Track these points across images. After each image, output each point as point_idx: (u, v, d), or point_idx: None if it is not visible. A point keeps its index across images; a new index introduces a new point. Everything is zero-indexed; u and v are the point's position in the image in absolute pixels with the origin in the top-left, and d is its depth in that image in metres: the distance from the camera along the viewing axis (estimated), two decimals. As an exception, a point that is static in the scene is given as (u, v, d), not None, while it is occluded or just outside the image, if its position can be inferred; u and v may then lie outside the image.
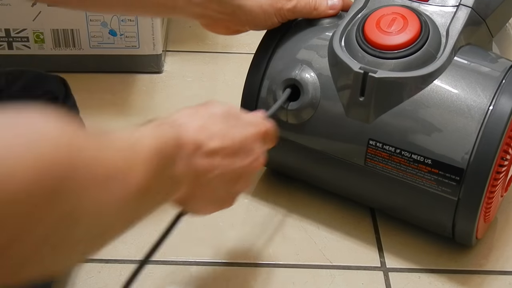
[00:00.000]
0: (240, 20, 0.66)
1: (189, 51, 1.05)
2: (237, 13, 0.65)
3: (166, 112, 0.88)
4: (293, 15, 0.68)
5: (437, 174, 0.60)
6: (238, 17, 0.65)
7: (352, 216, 0.72)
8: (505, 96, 0.59)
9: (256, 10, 0.65)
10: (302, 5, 0.67)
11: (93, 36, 0.94)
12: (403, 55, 0.61)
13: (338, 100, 0.63)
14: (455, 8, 0.63)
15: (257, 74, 0.68)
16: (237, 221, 0.71)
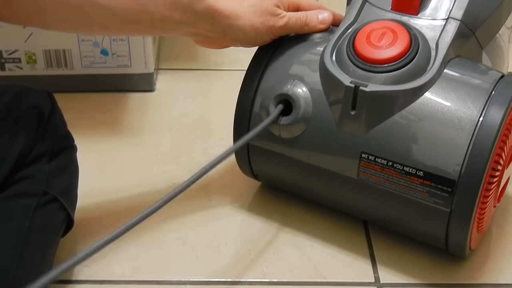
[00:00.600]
0: (232, 38, 0.67)
1: (181, 68, 1.06)
2: (228, 32, 0.66)
3: (158, 130, 0.90)
4: (285, 32, 0.69)
5: (429, 186, 0.60)
6: (230, 35, 0.66)
7: (345, 230, 0.72)
8: (495, 107, 0.59)
9: (247, 29, 0.66)
10: (294, 21, 0.68)
11: (85, 56, 0.94)
12: (394, 69, 0.61)
13: (330, 114, 0.64)
14: (444, 22, 0.64)
15: (249, 90, 0.68)
16: (231, 239, 0.71)
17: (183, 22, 0.63)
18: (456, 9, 0.64)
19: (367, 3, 0.68)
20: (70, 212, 0.65)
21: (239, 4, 0.65)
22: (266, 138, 0.68)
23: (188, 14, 0.63)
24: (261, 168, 0.73)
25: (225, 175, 0.80)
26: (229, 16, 0.65)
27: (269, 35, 0.68)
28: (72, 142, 0.68)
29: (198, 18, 0.64)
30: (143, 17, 0.61)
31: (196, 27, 0.65)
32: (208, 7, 0.63)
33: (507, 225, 0.73)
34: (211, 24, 0.65)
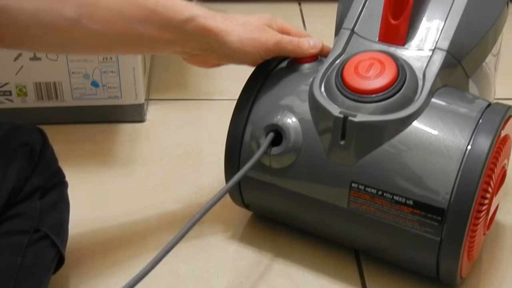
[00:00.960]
0: (220, 55, 0.67)
1: (172, 99, 1.07)
2: (217, 49, 0.66)
3: (149, 161, 0.90)
4: (278, 51, 0.68)
5: (419, 215, 0.61)
6: (218, 53, 0.66)
7: (337, 260, 0.72)
8: (482, 136, 0.60)
9: (236, 45, 0.65)
10: (287, 41, 0.68)
11: (76, 88, 0.95)
12: (382, 99, 0.62)
13: (320, 144, 0.64)
14: (430, 52, 0.65)
15: (240, 121, 0.69)
16: (223, 271, 0.71)
17: (172, 41, 0.63)
18: (442, 39, 0.65)
19: (354, 34, 0.69)
20: (61, 248, 0.65)
21: (229, 22, 0.66)
22: (257, 168, 0.68)
23: (178, 34, 0.63)
24: (252, 198, 0.73)
25: (216, 206, 0.80)
26: (218, 34, 0.65)
27: (260, 53, 0.67)
28: (63, 178, 0.68)
29: (188, 37, 0.64)
30: (133, 38, 0.61)
31: (185, 46, 0.65)
32: (198, 26, 0.63)
33: (497, 253, 0.74)
34: (200, 42, 0.65)
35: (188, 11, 0.63)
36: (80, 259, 0.72)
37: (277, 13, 1.37)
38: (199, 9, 0.64)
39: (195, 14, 0.63)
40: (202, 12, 0.64)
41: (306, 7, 1.41)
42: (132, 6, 0.60)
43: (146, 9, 0.60)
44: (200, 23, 0.63)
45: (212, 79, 1.10)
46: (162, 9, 0.61)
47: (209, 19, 0.64)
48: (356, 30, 0.69)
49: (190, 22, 0.63)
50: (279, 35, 0.68)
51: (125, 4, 0.59)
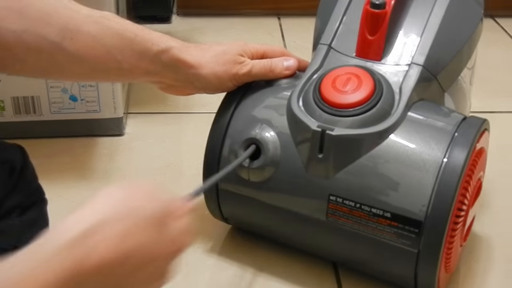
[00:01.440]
0: (195, 86, 0.69)
1: (151, 112, 1.07)
2: (191, 81, 0.68)
3: (128, 174, 0.89)
4: (249, 78, 0.70)
5: (396, 227, 0.61)
6: (193, 84, 0.68)
7: (315, 272, 0.73)
8: (458, 149, 0.61)
9: (210, 77, 0.67)
10: (258, 69, 0.70)
11: (54, 102, 0.94)
12: (359, 113, 0.63)
13: (298, 158, 0.65)
14: (407, 67, 0.66)
15: (218, 135, 0.69)
16: (201, 285, 0.71)
17: (149, 71, 0.65)
18: (418, 55, 0.66)
19: (332, 49, 0.70)
20: None
21: (203, 55, 0.67)
22: (236, 181, 0.68)
23: (155, 64, 0.65)
24: (231, 211, 0.73)
25: (195, 220, 0.80)
26: (192, 66, 0.66)
27: (232, 82, 0.69)
28: (43, 196, 0.68)
29: (163, 68, 0.65)
30: (111, 65, 0.62)
31: (162, 76, 0.67)
32: (173, 57, 0.65)
33: (474, 264, 0.75)
34: (175, 73, 0.67)
35: (164, 43, 0.65)
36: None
37: (257, 27, 1.39)
38: (175, 42, 0.66)
39: (171, 46, 0.65)
40: (177, 44, 0.66)
41: (285, 21, 1.43)
42: (113, 35, 0.61)
43: (125, 39, 0.62)
44: (175, 55, 0.65)
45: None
46: (140, 40, 0.63)
47: (184, 51, 0.66)
48: (333, 45, 0.70)
49: (166, 53, 0.65)
50: (251, 63, 0.69)
51: (106, 32, 0.61)
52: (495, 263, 0.75)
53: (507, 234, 0.80)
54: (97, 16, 0.61)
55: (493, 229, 0.80)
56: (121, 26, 0.62)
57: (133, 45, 0.62)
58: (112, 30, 0.61)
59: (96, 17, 0.60)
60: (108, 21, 0.61)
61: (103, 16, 0.61)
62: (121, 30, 0.62)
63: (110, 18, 0.62)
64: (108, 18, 0.62)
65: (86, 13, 0.60)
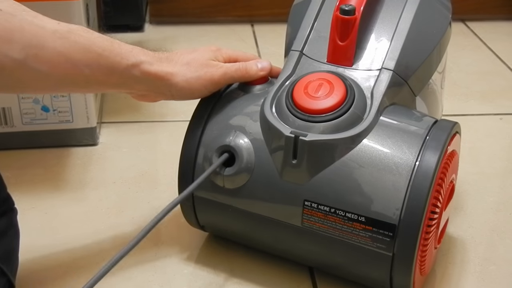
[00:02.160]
0: (167, 95, 0.69)
1: (125, 121, 1.06)
2: (163, 91, 0.68)
3: (102, 184, 0.89)
4: (225, 81, 0.70)
5: (371, 231, 0.62)
6: (164, 93, 0.68)
7: (292, 278, 0.73)
8: (430, 152, 0.62)
9: (182, 85, 0.67)
10: (233, 70, 0.69)
11: (26, 113, 0.93)
12: (331, 118, 0.63)
13: (272, 164, 0.65)
14: (378, 72, 0.67)
15: (192, 142, 0.69)
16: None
17: (120, 84, 0.65)
18: (388, 60, 0.67)
19: (303, 55, 0.70)
20: (11, 277, 0.63)
21: (174, 65, 0.67)
22: (211, 189, 0.68)
23: (125, 78, 0.64)
24: (207, 219, 0.73)
25: (172, 227, 0.80)
26: (164, 77, 0.66)
27: (207, 88, 0.69)
28: (12, 205, 0.67)
29: (134, 81, 0.65)
30: (79, 80, 0.62)
31: (133, 88, 0.67)
32: (144, 72, 0.65)
33: (449, 266, 0.75)
34: (147, 85, 0.66)
35: (133, 57, 0.64)
36: (30, 286, 0.70)
37: (231, 34, 1.39)
38: (145, 55, 0.65)
39: (141, 60, 0.64)
40: (147, 57, 0.65)
41: (259, 28, 1.43)
42: (79, 50, 0.60)
43: (92, 53, 0.61)
44: (146, 69, 0.65)
45: (165, 101, 1.09)
46: (109, 54, 0.62)
47: (154, 64, 0.66)
48: (305, 51, 0.70)
49: (136, 68, 0.64)
50: (224, 66, 0.69)
51: (72, 48, 0.60)
52: (470, 264, 0.76)
53: (480, 235, 0.81)
54: (64, 31, 0.60)
55: (467, 231, 0.81)
56: (88, 40, 0.61)
57: (101, 60, 0.61)
58: (78, 44, 0.60)
59: (62, 32, 0.59)
60: (74, 36, 0.60)
61: (70, 31, 0.60)
62: (88, 45, 0.61)
63: (77, 33, 0.61)
64: (75, 32, 0.61)
65: (52, 29, 0.59)
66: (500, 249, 0.78)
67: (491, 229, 0.82)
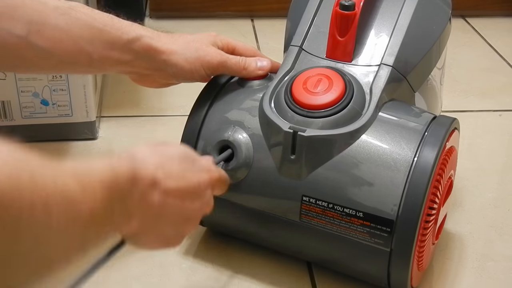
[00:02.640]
0: (168, 74, 0.68)
1: (124, 115, 1.06)
2: (164, 68, 0.67)
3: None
4: (222, 70, 0.70)
5: (369, 226, 0.62)
6: (165, 71, 0.68)
7: (290, 273, 0.73)
8: (428, 148, 0.62)
9: (182, 63, 0.67)
10: (233, 62, 0.69)
11: (25, 106, 0.93)
12: (330, 114, 0.63)
13: (271, 159, 0.65)
14: (377, 68, 0.67)
15: (191, 137, 0.69)
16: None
17: (120, 61, 0.65)
18: (387, 55, 0.67)
19: (303, 51, 0.70)
20: None
21: (174, 42, 0.67)
22: (209, 184, 0.68)
23: (126, 53, 0.64)
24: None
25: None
26: (164, 52, 0.66)
27: (205, 71, 0.69)
28: None
29: (135, 56, 0.65)
30: (81, 58, 0.62)
31: (133, 65, 0.66)
32: (144, 45, 0.65)
33: (447, 262, 0.75)
34: (147, 61, 0.66)
35: (134, 31, 0.64)
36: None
37: (230, 29, 1.39)
38: (145, 30, 0.66)
39: (141, 34, 0.65)
40: (148, 32, 0.66)
41: (258, 23, 1.43)
42: (81, 26, 0.61)
43: (94, 29, 0.61)
44: (146, 43, 0.65)
45: (164, 96, 1.10)
46: (110, 29, 0.63)
47: (155, 39, 0.66)
48: (304, 47, 0.70)
49: (137, 41, 0.64)
50: (225, 55, 0.69)
51: (74, 24, 0.60)
52: (468, 260, 0.76)
53: (478, 231, 0.81)
54: (65, 8, 0.60)
55: (465, 226, 0.81)
56: (89, 16, 0.61)
57: (103, 35, 0.62)
58: (80, 21, 0.60)
59: (63, 9, 0.60)
60: (75, 12, 0.60)
61: (71, 7, 0.61)
62: (90, 21, 0.61)
63: (78, 9, 0.61)
64: (76, 9, 0.61)
65: (53, 5, 0.59)
66: (498, 245, 0.78)
67: (489, 225, 0.82)
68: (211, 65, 0.68)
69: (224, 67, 0.69)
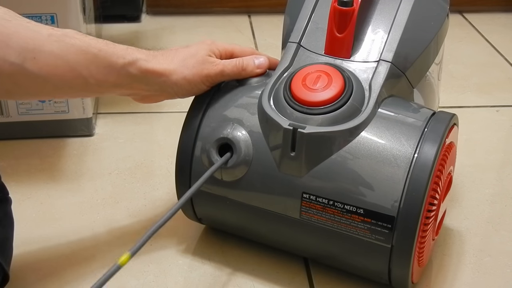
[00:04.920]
0: (168, 93, 0.68)
1: (121, 112, 1.06)
2: (164, 88, 0.67)
3: (97, 175, 0.88)
4: (222, 78, 0.70)
5: (369, 223, 0.62)
6: (165, 91, 0.68)
7: (287, 270, 0.73)
8: (428, 144, 0.62)
9: (180, 82, 0.67)
10: (230, 68, 0.69)
11: (21, 103, 0.93)
12: (330, 110, 0.63)
13: (270, 156, 0.65)
14: (375, 64, 0.67)
15: (190, 134, 0.69)
16: (173, 285, 0.70)
17: (118, 85, 0.65)
18: (386, 51, 0.67)
19: (301, 47, 0.70)
20: (5, 266, 0.63)
21: (170, 61, 0.67)
22: (208, 181, 0.67)
23: (123, 77, 0.64)
24: (204, 211, 0.73)
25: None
26: (162, 74, 0.66)
27: (205, 84, 0.69)
28: (6, 195, 0.67)
29: (133, 80, 0.65)
30: (77, 82, 0.61)
31: (132, 88, 0.66)
32: (141, 69, 0.65)
33: (446, 258, 0.75)
34: (146, 84, 0.66)
35: (129, 55, 0.64)
36: (25, 277, 0.70)
37: (227, 26, 1.38)
38: (140, 53, 0.65)
39: (137, 58, 0.64)
40: (143, 55, 0.65)
41: (256, 19, 1.43)
42: (76, 52, 0.60)
43: (89, 54, 0.61)
44: (143, 66, 0.65)
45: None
46: (105, 54, 0.62)
47: (151, 61, 0.65)
48: (302, 43, 0.70)
49: (133, 65, 0.64)
50: (221, 63, 0.69)
51: (68, 50, 0.60)
52: (465, 256, 0.76)
53: (476, 227, 0.81)
54: (59, 35, 0.60)
55: (462, 222, 0.81)
56: (84, 42, 0.61)
57: (98, 60, 0.62)
58: (75, 47, 0.60)
59: (57, 36, 0.60)
60: (70, 39, 0.60)
61: (65, 34, 0.61)
62: (84, 46, 0.61)
63: (72, 35, 0.61)
64: (70, 35, 0.61)
65: (47, 33, 0.59)
66: (495, 241, 0.78)
67: (486, 221, 0.82)
68: (210, 78, 0.68)
69: (223, 76, 0.69)
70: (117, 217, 0.81)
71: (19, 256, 0.69)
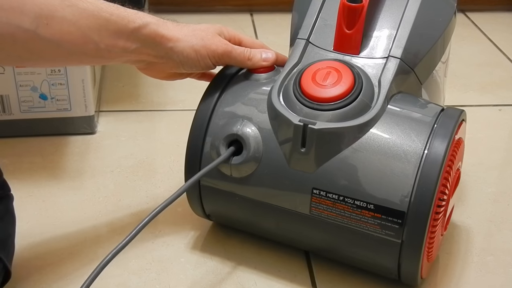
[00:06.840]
0: (174, 62, 0.68)
1: (123, 110, 1.05)
2: (170, 55, 0.67)
3: (99, 173, 0.88)
4: (227, 60, 0.70)
5: (380, 218, 0.62)
6: (172, 59, 0.68)
7: (288, 266, 0.72)
8: (438, 140, 0.62)
9: (188, 51, 0.67)
10: (237, 53, 0.69)
11: (24, 101, 0.92)
12: (340, 106, 0.63)
13: (280, 152, 0.65)
14: (385, 60, 0.67)
15: (199, 131, 0.69)
16: (174, 282, 0.70)
17: (127, 49, 0.64)
18: (395, 47, 0.67)
19: (310, 44, 0.70)
20: (7, 263, 0.63)
21: (180, 29, 0.67)
22: (218, 178, 0.68)
23: (132, 41, 0.64)
24: (213, 208, 0.72)
25: (169, 216, 0.79)
26: (170, 39, 0.66)
27: (211, 60, 0.69)
28: (8, 192, 0.67)
29: (142, 44, 0.65)
30: (89, 48, 0.62)
31: (140, 53, 0.66)
32: (151, 32, 0.65)
33: (454, 252, 0.75)
34: (153, 49, 0.66)
35: (140, 19, 0.65)
36: (28, 273, 0.70)
37: (230, 24, 1.38)
38: (151, 17, 0.66)
39: (148, 22, 0.65)
40: (154, 20, 0.66)
41: (258, 17, 1.42)
42: (88, 17, 0.61)
43: (100, 19, 0.61)
44: (153, 30, 0.65)
45: (163, 90, 1.09)
46: (116, 18, 0.63)
47: (161, 26, 0.66)
48: (311, 39, 0.70)
49: (143, 29, 0.64)
50: (230, 45, 0.69)
51: (81, 15, 0.60)
52: (467, 255, 0.76)
53: (478, 226, 0.81)
54: None
55: (465, 221, 0.81)
56: (95, 6, 0.61)
57: (109, 25, 0.62)
58: (87, 11, 0.60)
59: (70, 0, 0.60)
60: (82, 3, 0.60)
61: None
62: (96, 11, 0.61)
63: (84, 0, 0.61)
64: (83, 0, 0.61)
65: None
66: (497, 240, 0.78)
67: (489, 219, 0.82)
68: (216, 54, 0.68)
69: (229, 57, 0.69)
70: (119, 214, 0.80)
71: (21, 253, 0.69)
